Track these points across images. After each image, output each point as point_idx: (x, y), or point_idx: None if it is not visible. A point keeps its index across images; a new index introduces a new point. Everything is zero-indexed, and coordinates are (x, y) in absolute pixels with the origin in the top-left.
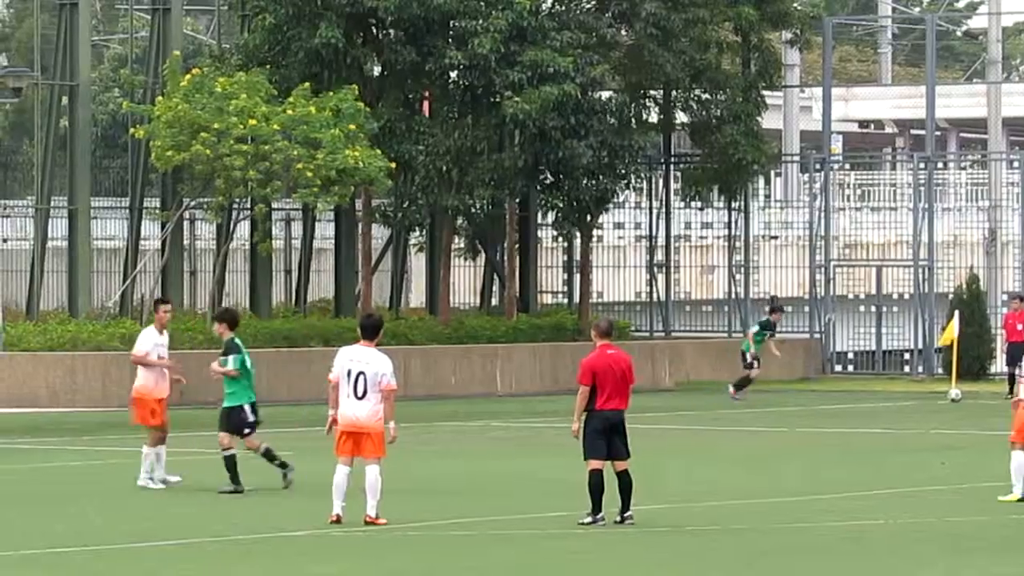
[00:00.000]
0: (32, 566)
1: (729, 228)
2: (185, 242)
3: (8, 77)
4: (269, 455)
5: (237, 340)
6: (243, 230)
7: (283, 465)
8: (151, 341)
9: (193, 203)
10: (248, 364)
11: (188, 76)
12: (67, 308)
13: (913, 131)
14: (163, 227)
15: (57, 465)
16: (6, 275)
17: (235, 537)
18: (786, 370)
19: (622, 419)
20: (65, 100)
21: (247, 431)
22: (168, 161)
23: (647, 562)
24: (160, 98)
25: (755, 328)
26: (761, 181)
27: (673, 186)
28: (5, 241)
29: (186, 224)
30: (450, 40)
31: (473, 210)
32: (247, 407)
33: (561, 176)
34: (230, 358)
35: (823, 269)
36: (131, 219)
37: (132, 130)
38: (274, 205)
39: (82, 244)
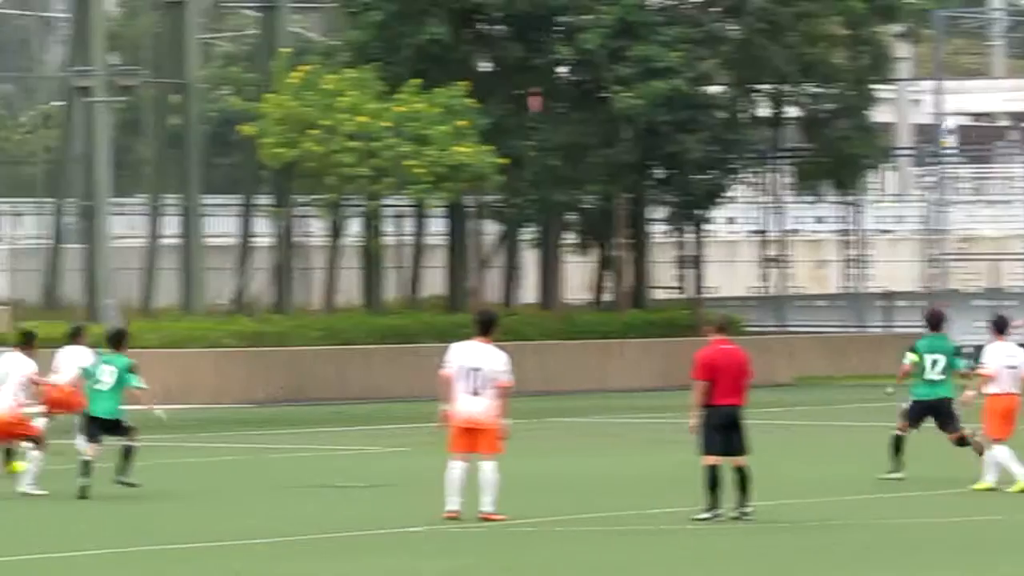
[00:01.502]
0: (157, 560)
1: (843, 223)
2: (297, 239)
3: (119, 76)
4: None
5: None
6: (354, 227)
7: None
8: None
9: (304, 200)
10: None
11: (297, 73)
12: (181, 305)
13: None
14: (275, 224)
15: (172, 462)
16: (121, 272)
17: (353, 533)
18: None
19: (739, 415)
20: (175, 98)
21: None
22: (278, 158)
23: (763, 558)
24: (269, 96)
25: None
26: (873, 175)
27: (785, 181)
28: (119, 239)
29: (297, 221)
30: (558, 36)
31: (584, 205)
32: None
33: (672, 171)
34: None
35: (937, 263)
36: (242, 216)
37: (242, 128)
38: (385, 201)
39: (194, 241)
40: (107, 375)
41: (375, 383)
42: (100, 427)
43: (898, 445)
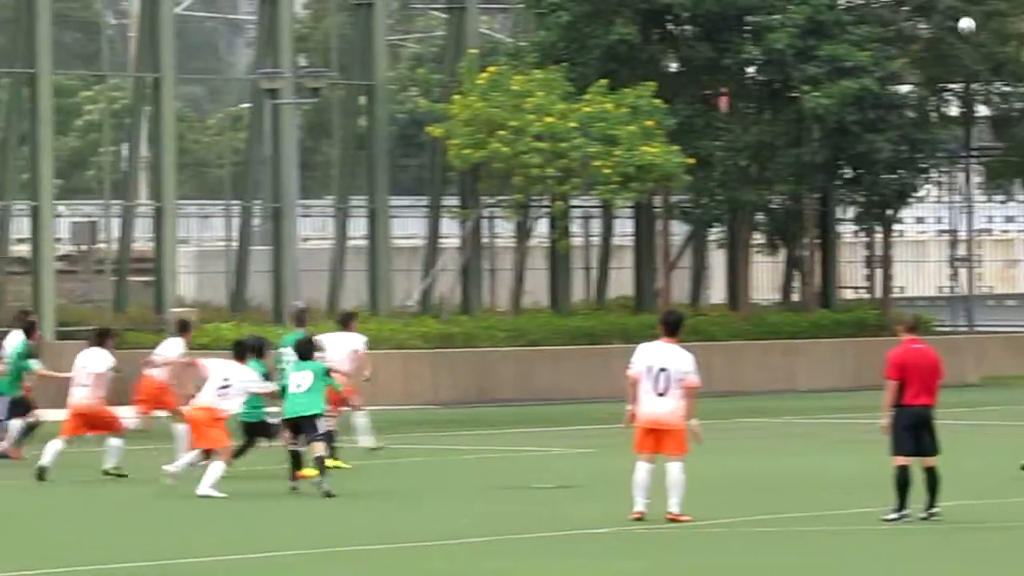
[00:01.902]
0: (354, 560)
1: None
2: (484, 240)
3: (306, 78)
4: None
5: None
6: (542, 227)
7: None
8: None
9: (491, 201)
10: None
11: (485, 74)
12: (368, 306)
13: None
14: (462, 225)
15: (364, 464)
16: (307, 274)
17: (541, 534)
18: None
19: (930, 415)
20: (363, 100)
21: None
22: (466, 159)
23: (949, 559)
24: (457, 96)
25: None
26: None
27: (975, 180)
28: (306, 240)
29: (485, 222)
30: (746, 35)
31: (772, 205)
32: None
33: (861, 171)
34: None
35: None
36: (430, 217)
37: (430, 129)
38: (572, 202)
39: (382, 243)
40: (306, 379)
41: (561, 384)
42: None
43: None
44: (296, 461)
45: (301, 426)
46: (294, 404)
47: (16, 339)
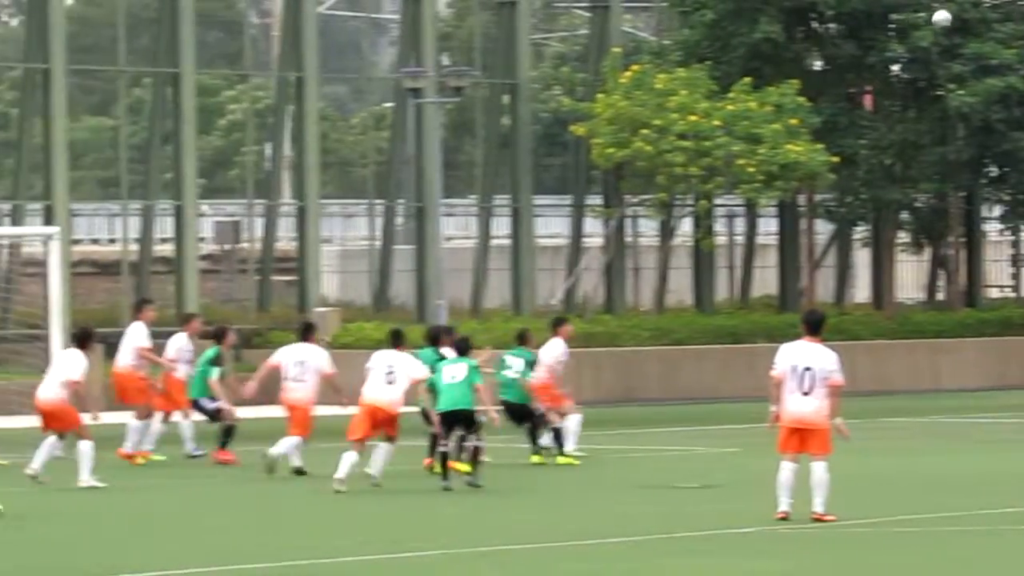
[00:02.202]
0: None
1: None
2: (628, 239)
3: (450, 76)
4: None
5: None
6: (685, 226)
7: None
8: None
9: (635, 200)
10: None
11: (628, 73)
12: (511, 306)
13: None
14: (605, 224)
15: (506, 462)
16: (451, 273)
17: (686, 534)
18: None
19: None
20: (506, 98)
21: None
22: (609, 158)
23: None
24: (600, 95)
25: None
26: None
27: None
28: (449, 240)
29: (628, 221)
30: (891, 33)
31: (917, 204)
32: None
33: (1006, 169)
34: None
35: None
36: (573, 216)
37: (573, 128)
38: (716, 201)
39: (525, 242)
40: (460, 371)
41: (705, 383)
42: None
43: None
44: (444, 462)
45: (458, 420)
46: (450, 396)
47: (181, 341)
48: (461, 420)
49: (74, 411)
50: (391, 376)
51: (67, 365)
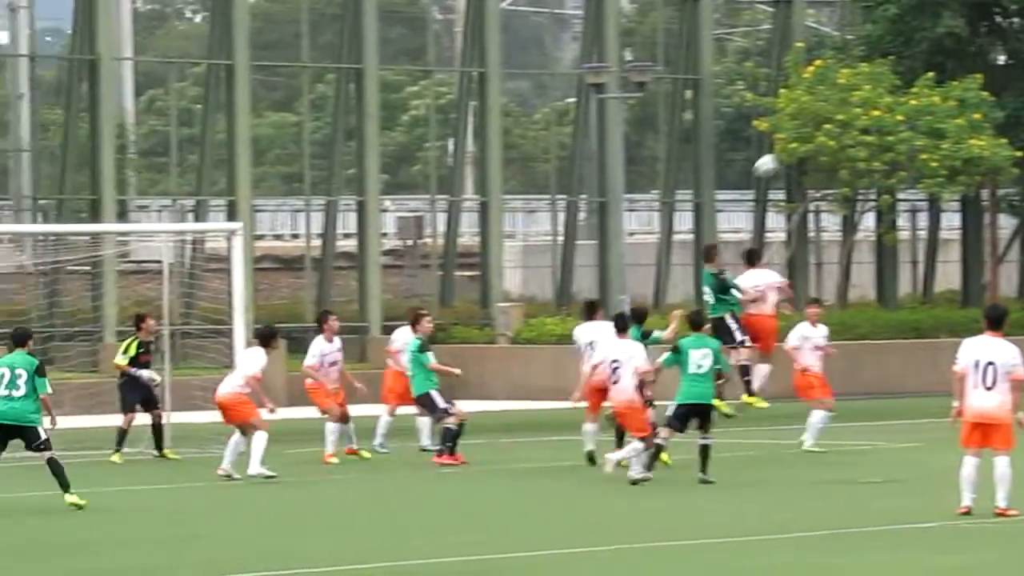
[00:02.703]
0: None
1: None
2: (810, 234)
3: (632, 72)
4: None
5: None
6: (868, 221)
7: None
8: (318, 350)
9: (818, 195)
10: None
11: (811, 68)
12: (693, 300)
13: None
14: (788, 219)
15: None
16: (633, 269)
17: (869, 528)
18: None
19: None
20: (689, 94)
21: None
22: (792, 153)
23: None
24: (783, 90)
25: None
26: None
27: None
28: (631, 235)
29: (811, 216)
30: None
31: None
32: None
33: None
34: None
35: None
36: (756, 211)
37: (756, 123)
38: (899, 196)
39: (707, 237)
40: (706, 360)
41: (888, 378)
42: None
43: None
44: (657, 454)
45: (696, 414)
46: (695, 390)
47: (407, 336)
48: (699, 415)
49: (250, 403)
50: (617, 371)
51: (248, 361)
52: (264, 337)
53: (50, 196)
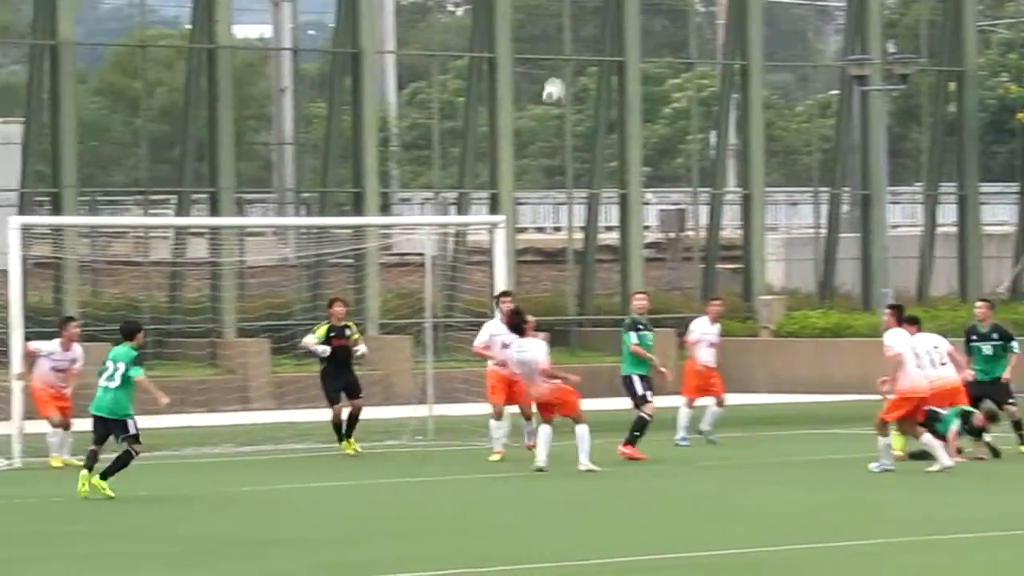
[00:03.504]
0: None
1: None
2: None
3: (895, 64)
4: None
5: None
6: None
7: None
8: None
9: None
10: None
11: None
12: (958, 294)
13: None
14: None
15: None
16: (896, 261)
17: None
18: None
19: None
20: (952, 86)
21: None
22: None
23: None
24: None
25: None
26: None
27: None
28: (895, 227)
29: None
30: None
31: None
32: None
33: None
34: None
35: None
36: (1020, 204)
37: (1019, 115)
38: None
39: (971, 230)
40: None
41: None
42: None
43: None
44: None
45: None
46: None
47: (704, 326)
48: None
49: (570, 395)
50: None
51: (536, 351)
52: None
53: (313, 189)
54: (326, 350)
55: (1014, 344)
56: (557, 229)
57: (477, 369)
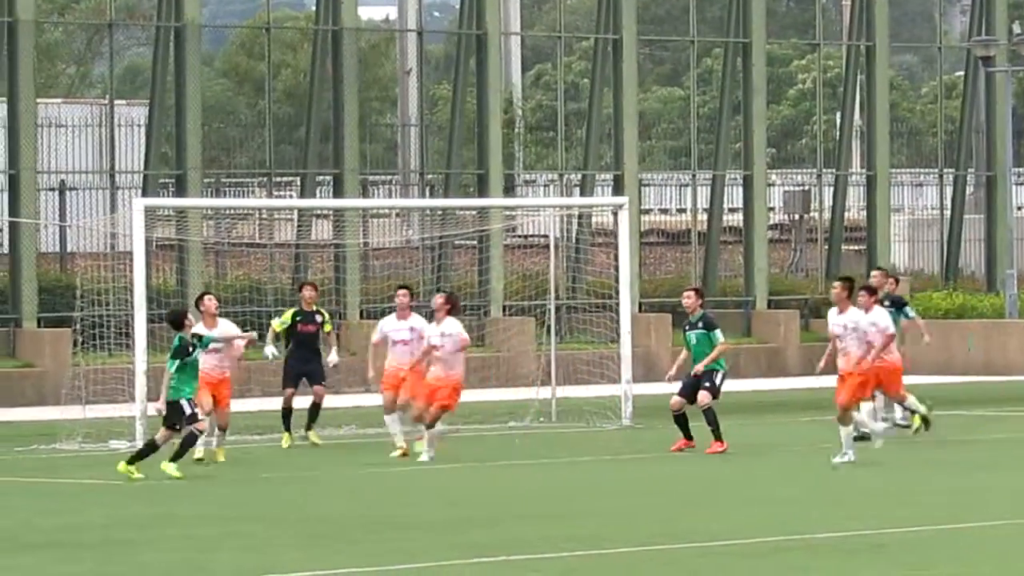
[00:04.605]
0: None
1: None
2: None
3: (1021, 45)
4: None
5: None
6: None
7: None
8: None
9: None
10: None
11: None
12: None
13: None
14: None
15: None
16: (1022, 243)
17: None
18: None
19: None
20: None
21: None
22: None
23: None
24: None
25: None
26: None
27: None
28: (1020, 208)
29: None
30: None
31: None
32: None
33: None
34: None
35: None
36: None
37: None
38: None
39: None
40: None
41: None
42: None
43: None
44: None
45: None
46: None
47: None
48: None
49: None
50: None
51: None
52: None
53: (437, 170)
54: (275, 354)
55: None
56: (681, 211)
57: (600, 351)
